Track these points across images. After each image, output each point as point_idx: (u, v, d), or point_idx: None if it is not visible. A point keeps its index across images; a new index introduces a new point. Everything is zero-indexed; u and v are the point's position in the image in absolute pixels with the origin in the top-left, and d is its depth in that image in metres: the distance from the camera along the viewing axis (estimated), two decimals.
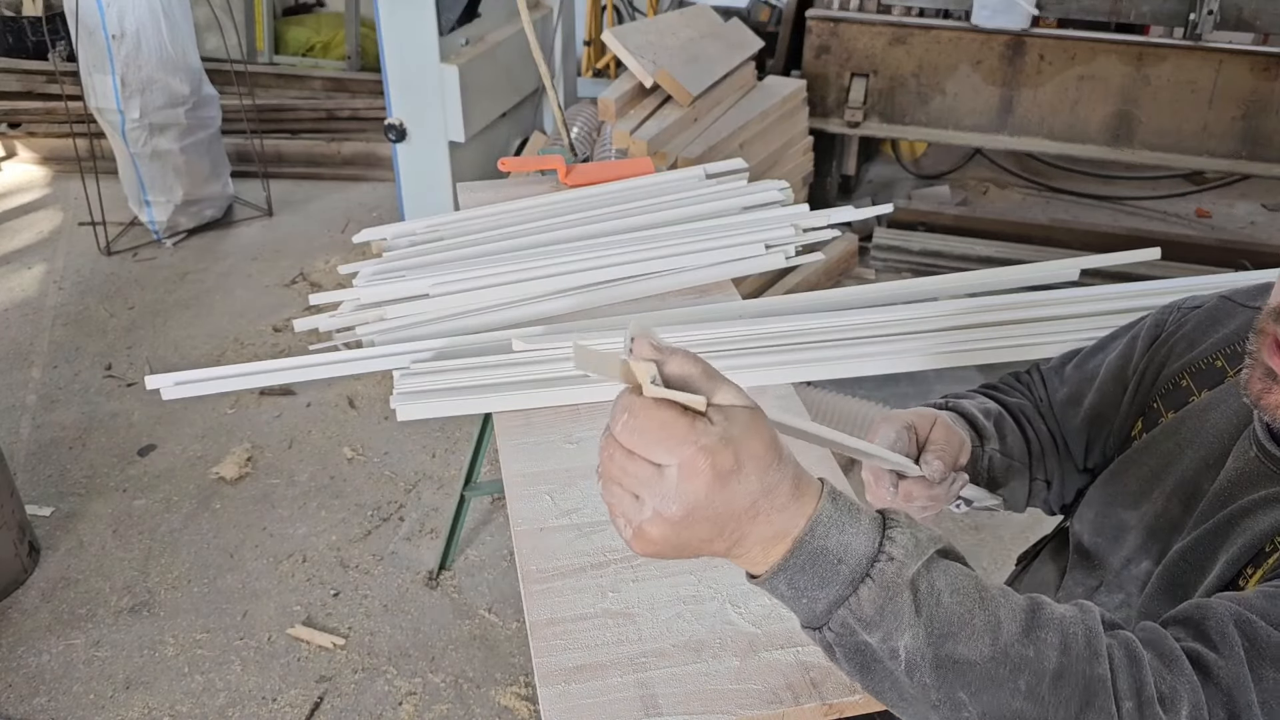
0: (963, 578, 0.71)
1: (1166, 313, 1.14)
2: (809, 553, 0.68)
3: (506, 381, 1.44)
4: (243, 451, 2.85)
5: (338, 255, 3.91)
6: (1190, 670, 0.72)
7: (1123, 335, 1.18)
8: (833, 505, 0.69)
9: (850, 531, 0.69)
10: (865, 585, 0.68)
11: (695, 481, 0.65)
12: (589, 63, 4.63)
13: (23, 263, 3.87)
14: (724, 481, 0.65)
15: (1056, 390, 1.21)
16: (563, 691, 0.98)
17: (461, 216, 1.96)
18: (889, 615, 0.68)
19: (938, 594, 0.69)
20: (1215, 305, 1.09)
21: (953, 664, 0.69)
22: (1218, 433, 0.98)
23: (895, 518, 0.71)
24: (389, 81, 3.34)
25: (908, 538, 0.70)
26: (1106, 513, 1.08)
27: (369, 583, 2.44)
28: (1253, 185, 4.36)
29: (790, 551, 0.68)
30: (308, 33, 5.41)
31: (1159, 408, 1.07)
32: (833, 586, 0.68)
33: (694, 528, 0.66)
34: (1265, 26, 3.33)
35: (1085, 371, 1.18)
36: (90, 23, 3.53)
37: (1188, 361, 1.06)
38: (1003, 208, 4.28)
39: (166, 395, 1.57)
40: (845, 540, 0.69)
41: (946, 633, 0.69)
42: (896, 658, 0.69)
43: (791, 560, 0.69)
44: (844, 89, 3.71)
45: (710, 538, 0.67)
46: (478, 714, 2.13)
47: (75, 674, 2.21)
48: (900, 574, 0.68)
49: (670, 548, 0.68)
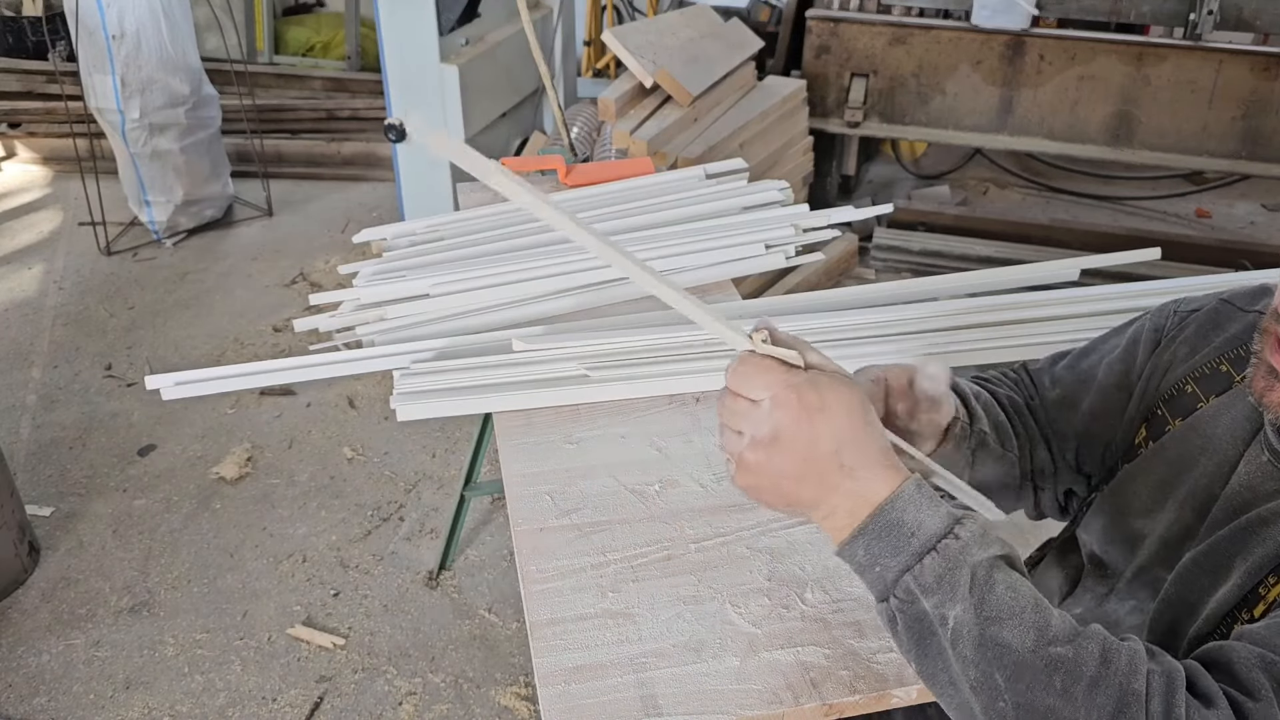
0: (1021, 584, 0.77)
1: (1163, 316, 1.12)
2: (886, 522, 0.78)
3: (506, 381, 1.44)
4: (243, 451, 2.85)
5: (338, 255, 3.91)
6: (1229, 710, 0.74)
7: (1116, 338, 1.15)
8: (916, 488, 0.79)
9: (927, 512, 0.78)
10: (930, 556, 0.76)
11: (783, 411, 0.78)
12: (589, 63, 4.64)
13: (23, 263, 3.87)
14: (810, 416, 0.78)
15: (1048, 391, 1.18)
16: (563, 691, 0.98)
17: (461, 216, 1.96)
18: (945, 585, 0.76)
19: (994, 583, 0.76)
20: (1215, 309, 1.08)
21: (994, 645, 0.74)
22: (1230, 438, 0.97)
23: (972, 515, 0.80)
24: (389, 81, 3.34)
25: (977, 528, 0.78)
26: (1118, 522, 1.06)
27: (369, 583, 2.44)
28: (1253, 185, 4.37)
29: (871, 516, 0.78)
30: (308, 33, 5.41)
31: (1164, 414, 1.05)
32: (903, 555, 0.77)
33: (784, 455, 0.78)
34: (1265, 26, 3.33)
35: (1079, 373, 1.16)
36: (90, 23, 3.53)
37: (1191, 367, 1.04)
38: (1003, 208, 4.28)
39: (166, 395, 1.57)
40: (920, 518, 0.77)
41: (994, 616, 0.75)
42: (945, 624, 0.76)
43: (870, 525, 0.78)
44: (844, 89, 3.71)
45: (799, 475, 0.79)
46: (478, 714, 2.13)
47: (75, 674, 2.21)
48: (964, 553, 0.76)
49: (766, 478, 0.80)
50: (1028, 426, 1.17)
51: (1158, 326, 1.11)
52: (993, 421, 1.12)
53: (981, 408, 1.12)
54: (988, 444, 1.10)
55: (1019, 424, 1.16)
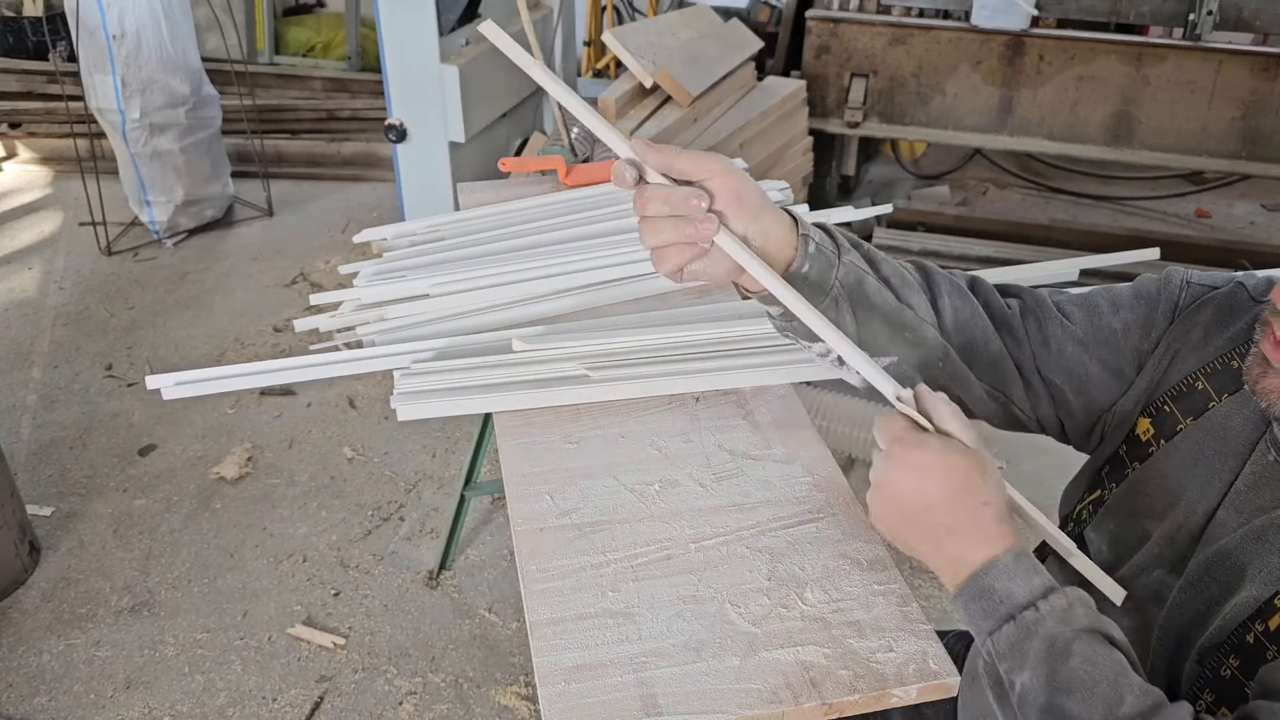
0: (1106, 659, 0.79)
1: (1176, 287, 1.06)
2: (979, 588, 0.84)
3: (506, 381, 1.44)
4: (243, 451, 2.85)
5: (338, 255, 3.91)
6: None
7: (1135, 302, 1.07)
8: (1014, 558, 0.84)
9: (1018, 582, 0.83)
10: (1008, 624, 0.82)
11: (890, 463, 0.87)
12: (589, 63, 4.63)
13: (23, 263, 3.88)
14: (909, 473, 0.85)
15: (1055, 316, 1.08)
16: (563, 691, 0.98)
17: (461, 216, 1.96)
18: (1016, 652, 0.80)
19: (1070, 655, 0.79)
20: (1231, 292, 1.04)
21: (1059, 713, 0.78)
22: (1243, 439, 0.95)
23: (1065, 590, 0.83)
24: (389, 81, 3.34)
25: (1062, 602, 0.82)
26: (1130, 524, 1.04)
27: (369, 582, 2.44)
28: (1252, 185, 4.37)
29: (967, 581, 0.84)
30: (308, 33, 5.41)
31: (1173, 412, 1.02)
32: (990, 620, 0.83)
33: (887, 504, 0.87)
34: (1265, 26, 3.34)
35: (1093, 319, 1.07)
36: (90, 23, 3.53)
37: (1202, 361, 1.01)
38: (1003, 208, 4.28)
39: (167, 395, 1.57)
40: (1011, 588, 0.83)
41: (1064, 687, 0.78)
42: (1013, 690, 0.80)
43: (966, 589, 0.85)
44: (844, 89, 3.71)
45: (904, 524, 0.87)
46: (478, 714, 2.13)
47: (75, 674, 2.21)
48: (1039, 624, 0.81)
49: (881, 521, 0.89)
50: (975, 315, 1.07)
51: (1173, 296, 1.06)
52: (884, 273, 1.02)
53: (865, 254, 1.02)
54: (865, 285, 0.99)
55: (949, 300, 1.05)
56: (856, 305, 0.99)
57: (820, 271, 0.97)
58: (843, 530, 1.16)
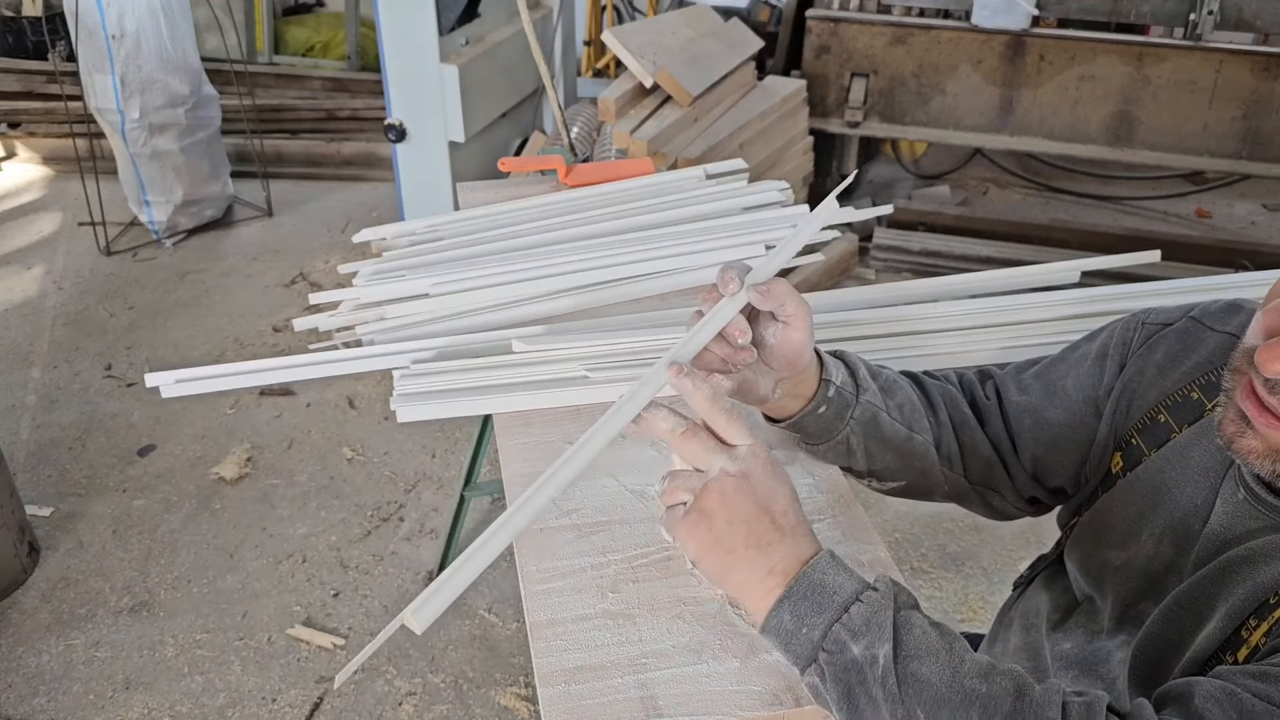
0: (934, 627, 0.83)
1: (1130, 330, 1.08)
2: (809, 584, 0.84)
3: (507, 382, 1.44)
4: (243, 451, 2.85)
5: (338, 255, 3.91)
6: None
7: (1087, 345, 1.12)
8: (830, 557, 0.86)
9: (843, 576, 0.85)
10: (855, 605, 0.82)
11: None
12: (589, 63, 4.63)
13: (23, 263, 3.88)
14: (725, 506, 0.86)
15: (1015, 396, 1.14)
16: (563, 692, 0.97)
17: (461, 216, 1.96)
18: (874, 626, 0.81)
19: (911, 625, 0.82)
20: (1184, 328, 1.04)
21: (914, 680, 0.79)
22: (1202, 470, 0.95)
23: (882, 576, 0.86)
24: (388, 81, 3.34)
25: (890, 585, 0.84)
26: (1093, 552, 1.06)
27: (369, 583, 2.44)
28: (1253, 185, 4.37)
29: (794, 579, 0.84)
30: (308, 33, 5.41)
31: (1139, 444, 1.03)
32: (829, 611, 0.83)
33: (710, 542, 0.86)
34: (1265, 26, 3.34)
35: (1048, 383, 1.12)
36: (90, 23, 3.53)
37: (1161, 393, 1.02)
38: (1003, 208, 4.28)
39: (166, 393, 1.57)
40: (839, 581, 0.84)
41: (913, 654, 0.80)
42: (875, 664, 0.80)
43: (795, 588, 0.84)
44: (844, 89, 3.71)
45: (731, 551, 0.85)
46: (478, 714, 2.13)
47: (75, 674, 2.21)
48: (884, 600, 0.83)
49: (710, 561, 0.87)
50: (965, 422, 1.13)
51: (1124, 341, 1.08)
52: (897, 402, 1.09)
53: (881, 385, 1.08)
54: (879, 421, 1.07)
55: (945, 415, 1.12)
56: (869, 439, 1.07)
57: (836, 411, 1.05)
58: (844, 531, 1.15)
